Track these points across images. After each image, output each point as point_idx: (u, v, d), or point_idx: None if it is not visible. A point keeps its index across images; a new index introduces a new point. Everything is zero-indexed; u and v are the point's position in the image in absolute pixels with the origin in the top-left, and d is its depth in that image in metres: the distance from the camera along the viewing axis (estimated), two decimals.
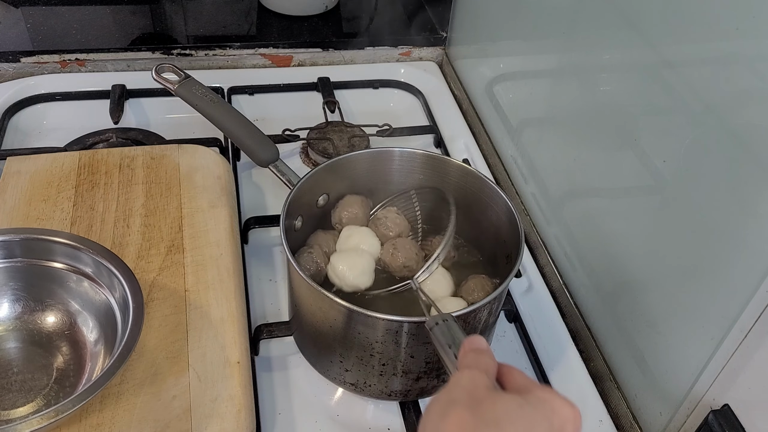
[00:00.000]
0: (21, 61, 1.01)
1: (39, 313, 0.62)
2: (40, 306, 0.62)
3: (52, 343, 0.60)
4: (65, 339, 0.61)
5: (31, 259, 0.61)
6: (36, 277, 0.61)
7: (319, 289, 0.58)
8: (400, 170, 0.74)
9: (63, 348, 0.60)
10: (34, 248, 0.61)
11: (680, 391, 0.59)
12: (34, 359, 0.59)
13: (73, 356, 0.60)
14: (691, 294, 0.57)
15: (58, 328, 0.61)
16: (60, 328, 0.61)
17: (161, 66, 0.78)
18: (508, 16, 0.91)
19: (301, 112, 1.00)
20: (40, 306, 0.62)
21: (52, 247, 0.61)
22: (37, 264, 0.61)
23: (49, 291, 0.62)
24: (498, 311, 0.66)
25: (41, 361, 0.59)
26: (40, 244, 0.61)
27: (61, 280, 0.61)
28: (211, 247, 0.71)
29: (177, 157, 0.81)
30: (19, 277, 0.61)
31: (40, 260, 0.61)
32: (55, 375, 0.58)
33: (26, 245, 0.61)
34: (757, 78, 0.49)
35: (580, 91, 0.74)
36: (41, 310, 0.62)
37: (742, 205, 0.51)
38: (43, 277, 0.61)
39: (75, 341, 0.60)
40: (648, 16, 0.61)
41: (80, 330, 0.61)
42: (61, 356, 0.60)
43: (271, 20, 1.14)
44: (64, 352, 0.60)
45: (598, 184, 0.72)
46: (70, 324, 0.61)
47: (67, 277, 0.61)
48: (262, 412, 0.64)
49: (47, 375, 0.58)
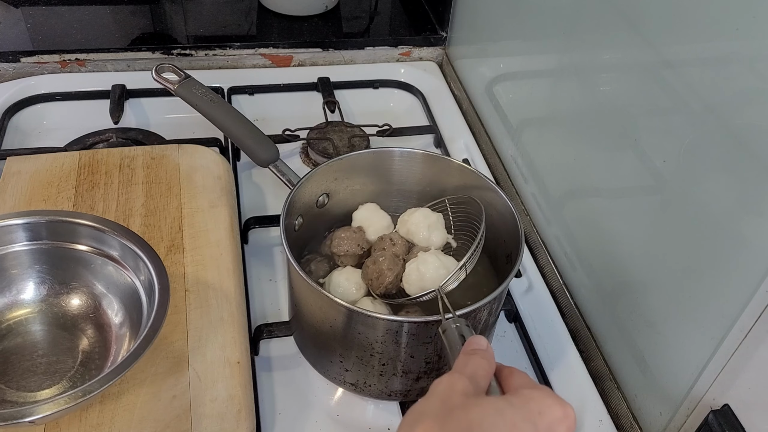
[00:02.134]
0: (21, 61, 1.01)
1: (64, 296, 0.61)
2: (65, 288, 0.61)
3: (78, 326, 0.60)
4: (90, 322, 0.60)
5: (56, 241, 0.60)
6: (61, 260, 0.61)
7: (319, 289, 0.58)
8: (400, 170, 0.74)
9: (88, 330, 0.60)
10: (59, 230, 0.60)
11: (680, 391, 0.59)
12: (59, 342, 0.59)
13: (99, 339, 0.59)
14: (691, 294, 0.57)
15: (83, 310, 0.61)
16: (85, 311, 0.61)
17: (161, 66, 0.78)
18: (508, 16, 0.91)
19: (301, 112, 1.00)
20: (65, 288, 0.61)
21: (78, 229, 0.60)
22: (63, 246, 0.60)
23: (75, 273, 0.61)
24: (498, 311, 0.66)
25: (66, 344, 0.59)
26: (66, 227, 0.60)
27: (87, 263, 0.61)
28: (211, 247, 0.71)
29: (177, 157, 0.81)
30: (45, 259, 0.61)
31: (65, 242, 0.60)
32: (80, 357, 0.58)
33: (52, 227, 0.60)
34: (757, 78, 0.49)
35: (580, 91, 0.74)
36: (66, 292, 0.61)
37: (742, 205, 0.51)
38: (69, 260, 0.61)
39: (100, 324, 0.60)
40: (648, 16, 0.61)
41: (105, 312, 0.60)
42: (86, 339, 0.59)
43: (271, 20, 1.14)
44: (90, 335, 0.59)
45: (598, 184, 0.72)
46: (95, 307, 0.61)
47: (92, 259, 0.60)
48: (262, 412, 0.64)
49: (72, 357, 0.58)
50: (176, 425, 0.57)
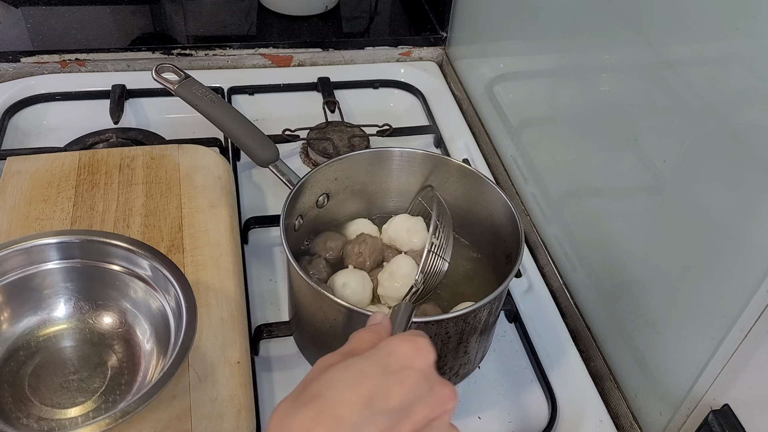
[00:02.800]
0: (21, 61, 1.01)
1: (94, 314, 0.62)
2: (96, 306, 0.62)
3: (107, 343, 0.61)
4: (119, 339, 0.61)
5: (88, 260, 0.61)
6: (92, 279, 0.62)
7: (319, 289, 0.58)
8: (400, 170, 0.74)
9: (117, 348, 0.61)
10: (91, 250, 0.61)
11: (680, 391, 0.59)
12: (90, 359, 0.60)
13: (128, 356, 0.60)
14: (691, 294, 0.57)
15: (113, 328, 0.62)
16: (115, 329, 0.62)
17: (161, 66, 0.78)
18: (508, 16, 0.91)
19: (301, 112, 1.00)
20: (96, 306, 0.62)
21: (110, 249, 0.61)
22: (95, 265, 0.62)
23: (105, 292, 0.62)
24: (498, 311, 0.66)
25: (96, 361, 0.60)
26: (98, 246, 0.61)
27: (117, 282, 0.62)
28: (211, 247, 0.71)
29: (177, 157, 0.81)
30: (77, 277, 0.62)
31: (97, 261, 0.62)
32: (110, 374, 0.59)
33: (85, 247, 0.61)
34: (757, 78, 0.49)
35: (580, 91, 0.74)
36: (97, 310, 0.62)
37: (742, 205, 0.51)
38: (100, 279, 0.62)
39: (129, 341, 0.61)
40: (648, 16, 0.61)
41: (134, 331, 0.61)
42: (115, 356, 0.60)
43: (271, 20, 1.14)
44: (119, 352, 0.61)
45: (598, 184, 0.72)
46: (125, 324, 0.62)
47: (122, 278, 0.61)
48: (262, 412, 0.64)
49: (102, 375, 0.59)
50: (176, 425, 0.57)
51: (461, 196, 0.73)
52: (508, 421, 0.67)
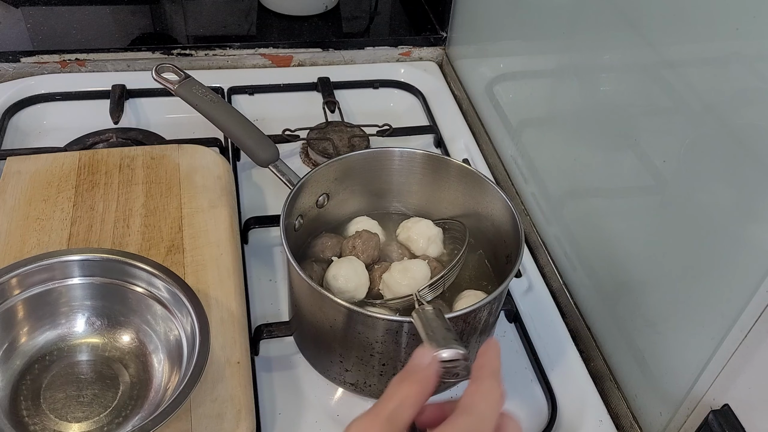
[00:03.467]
0: (21, 61, 1.01)
1: (111, 331, 0.64)
2: (113, 324, 0.64)
3: (121, 360, 0.62)
4: (133, 357, 0.63)
5: (110, 279, 0.63)
6: (113, 297, 0.63)
7: (319, 289, 0.58)
8: (400, 170, 0.74)
9: (131, 366, 0.62)
10: (113, 269, 0.62)
11: (680, 391, 0.59)
12: (104, 375, 0.61)
13: (140, 374, 0.62)
14: (691, 294, 0.57)
15: (130, 348, 0.63)
16: (131, 349, 0.63)
17: (161, 66, 0.78)
18: (508, 16, 0.91)
19: (301, 112, 1.00)
20: (113, 324, 0.64)
21: (131, 270, 0.62)
22: (116, 284, 0.63)
23: (125, 311, 0.64)
24: (498, 311, 0.66)
25: (110, 378, 0.61)
26: (119, 266, 0.62)
27: (137, 303, 0.63)
28: (211, 247, 0.71)
29: (177, 157, 0.81)
30: (96, 295, 0.63)
31: (118, 281, 0.63)
32: (121, 391, 0.60)
33: (106, 266, 0.62)
34: (757, 78, 0.49)
35: (580, 92, 0.74)
36: (114, 327, 0.64)
37: (742, 205, 0.51)
38: (120, 298, 0.63)
39: (142, 360, 0.62)
40: (648, 16, 0.61)
41: (148, 350, 0.63)
42: (128, 373, 0.61)
43: (271, 20, 1.14)
44: (132, 370, 0.62)
45: (598, 184, 0.72)
46: (141, 346, 0.63)
47: (143, 300, 0.63)
48: (262, 412, 0.64)
49: (114, 391, 0.60)
50: (176, 425, 0.57)
51: (461, 196, 0.73)
52: None
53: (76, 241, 0.70)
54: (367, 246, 0.69)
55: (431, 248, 0.71)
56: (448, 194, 0.74)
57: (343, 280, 0.65)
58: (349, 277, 0.65)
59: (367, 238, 0.70)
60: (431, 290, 0.64)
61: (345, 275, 0.65)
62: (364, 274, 0.67)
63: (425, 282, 0.65)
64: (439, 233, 0.72)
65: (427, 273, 0.67)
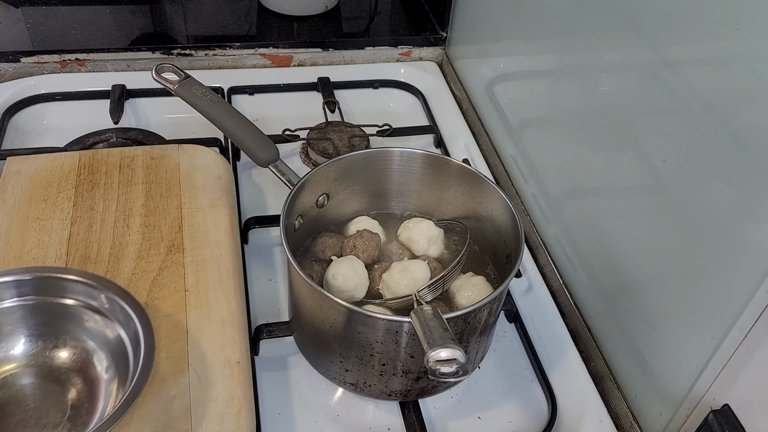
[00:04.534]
0: (21, 61, 1.01)
1: (53, 350, 0.62)
2: (55, 342, 0.62)
3: (67, 379, 0.61)
4: (79, 374, 0.61)
5: (43, 296, 0.61)
6: (49, 315, 0.62)
7: (319, 289, 0.58)
8: (400, 170, 0.74)
9: (77, 384, 0.61)
10: (46, 286, 0.61)
11: (680, 391, 0.59)
12: (49, 395, 0.60)
13: (87, 392, 0.60)
14: (691, 294, 0.57)
15: (73, 363, 0.62)
16: (74, 364, 0.61)
17: (161, 66, 0.78)
18: (508, 16, 0.91)
19: (301, 112, 1.00)
20: (55, 342, 0.62)
21: (65, 284, 0.61)
22: (50, 301, 0.61)
23: (63, 327, 0.62)
24: (498, 311, 0.66)
25: (56, 397, 0.60)
26: (52, 282, 0.61)
27: (75, 317, 0.62)
28: (211, 247, 0.71)
29: (177, 157, 0.81)
30: (33, 314, 0.62)
31: (53, 297, 0.61)
32: (69, 412, 0.59)
33: (38, 283, 0.61)
34: (757, 78, 0.49)
35: (580, 91, 0.74)
36: (56, 346, 0.62)
37: (742, 205, 0.51)
38: (57, 314, 0.62)
39: (89, 377, 0.61)
40: (648, 16, 0.61)
41: (94, 366, 0.61)
42: (75, 391, 0.60)
43: (271, 20, 1.14)
44: (79, 388, 0.60)
45: (598, 184, 0.72)
46: (84, 360, 0.61)
47: (80, 313, 0.61)
48: (262, 412, 0.64)
49: (61, 411, 0.59)
50: (176, 425, 0.57)
51: (461, 196, 0.73)
52: (508, 421, 0.67)
53: (75, 241, 0.70)
54: (368, 246, 0.69)
55: (432, 249, 0.72)
56: (448, 194, 0.74)
57: (342, 279, 0.65)
58: (348, 277, 0.65)
59: (368, 238, 0.70)
60: (431, 291, 0.64)
61: (345, 274, 0.65)
62: (364, 274, 0.67)
63: (425, 282, 0.65)
64: (440, 234, 0.72)
65: (427, 274, 0.67)
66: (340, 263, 0.67)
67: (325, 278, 0.67)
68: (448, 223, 0.74)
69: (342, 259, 0.68)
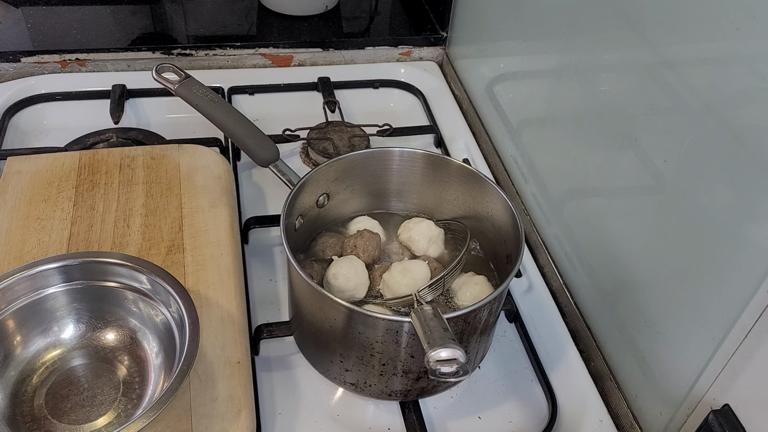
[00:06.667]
0: (21, 61, 1.01)
1: (102, 331, 0.64)
2: (102, 324, 0.64)
3: (117, 359, 0.63)
4: (128, 354, 0.63)
5: (89, 280, 0.63)
6: (96, 297, 0.64)
7: (319, 289, 0.58)
8: (400, 170, 0.74)
9: (126, 362, 0.63)
10: (91, 270, 0.63)
11: (680, 391, 0.59)
12: (101, 375, 0.62)
13: (137, 369, 0.62)
14: (691, 294, 0.57)
15: (121, 343, 0.64)
16: (122, 344, 0.64)
17: (161, 66, 0.78)
18: (508, 16, 0.91)
19: (301, 112, 1.00)
20: (102, 324, 0.64)
21: (109, 268, 0.63)
22: (96, 285, 0.63)
23: (109, 310, 0.64)
24: (498, 311, 0.66)
25: (108, 376, 0.62)
26: (97, 266, 0.63)
27: (120, 299, 0.64)
28: (211, 247, 0.71)
29: (177, 157, 0.81)
30: (80, 298, 0.63)
31: (98, 281, 0.63)
32: (122, 388, 0.61)
33: (84, 268, 0.63)
34: (757, 78, 0.49)
35: (580, 91, 0.74)
36: (103, 327, 0.64)
37: (743, 205, 0.51)
38: (103, 297, 0.64)
39: (137, 355, 0.63)
40: (648, 16, 0.61)
41: (141, 344, 0.63)
42: (125, 370, 0.62)
43: (271, 20, 1.14)
44: (128, 366, 0.62)
45: (598, 184, 0.72)
46: (131, 339, 0.64)
47: (124, 295, 0.63)
48: (262, 412, 0.64)
49: (115, 389, 0.61)
50: (176, 425, 0.57)
51: (461, 196, 0.73)
52: (508, 421, 0.67)
53: (76, 241, 0.70)
54: (369, 245, 0.69)
55: (432, 249, 0.72)
56: (449, 194, 0.74)
57: (343, 279, 0.65)
58: (349, 276, 0.65)
59: (368, 238, 0.70)
60: (431, 291, 0.64)
61: (345, 274, 0.65)
62: (364, 274, 0.67)
63: (425, 282, 0.65)
64: (440, 234, 0.72)
65: (427, 273, 0.67)
66: (340, 263, 0.67)
67: (325, 278, 0.67)
68: (448, 223, 0.74)
69: (342, 258, 0.68)
